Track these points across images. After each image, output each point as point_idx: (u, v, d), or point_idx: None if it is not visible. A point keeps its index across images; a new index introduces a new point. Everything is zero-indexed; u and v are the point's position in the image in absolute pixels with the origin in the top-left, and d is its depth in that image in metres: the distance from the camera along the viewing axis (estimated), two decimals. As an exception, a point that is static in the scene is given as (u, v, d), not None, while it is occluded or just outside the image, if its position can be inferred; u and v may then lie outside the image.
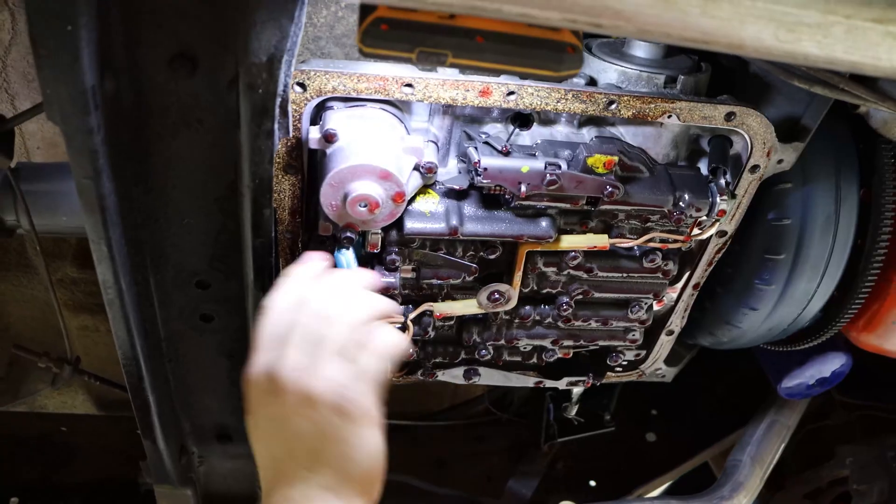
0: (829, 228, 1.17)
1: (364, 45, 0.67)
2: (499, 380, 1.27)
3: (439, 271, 1.05)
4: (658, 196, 1.02)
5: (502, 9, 0.63)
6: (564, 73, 0.70)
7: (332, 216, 0.95)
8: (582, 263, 1.08)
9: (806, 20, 0.69)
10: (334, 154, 0.92)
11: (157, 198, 0.96)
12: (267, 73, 0.77)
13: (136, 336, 1.03)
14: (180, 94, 0.86)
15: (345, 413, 0.76)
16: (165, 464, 1.27)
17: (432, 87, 0.93)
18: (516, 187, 0.96)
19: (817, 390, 1.50)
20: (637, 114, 0.98)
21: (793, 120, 1.10)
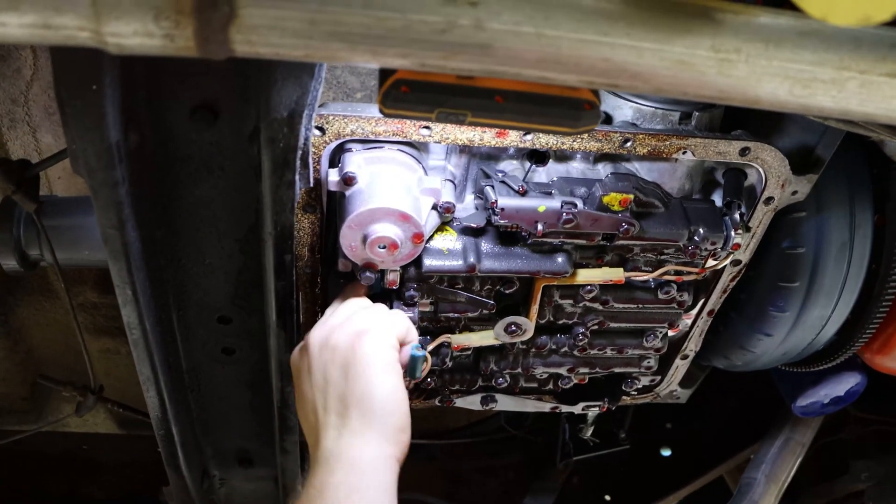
0: (844, 255, 1.18)
1: (385, 107, 0.69)
2: (515, 405, 1.29)
3: (457, 306, 1.07)
4: (673, 231, 1.03)
5: (522, 73, 0.64)
6: (582, 129, 0.71)
7: (351, 257, 0.97)
8: (598, 296, 1.09)
9: (821, 76, 0.70)
10: (353, 196, 0.94)
11: (181, 240, 0.98)
12: (288, 128, 0.78)
13: (160, 373, 1.05)
14: (202, 143, 0.88)
15: (358, 349, 0.86)
16: (188, 489, 1.30)
17: (449, 130, 0.94)
18: (533, 226, 0.97)
19: (832, 409, 1.50)
20: (652, 151, 0.99)
21: (807, 150, 1.10)
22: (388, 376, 0.87)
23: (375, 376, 0.86)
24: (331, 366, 0.88)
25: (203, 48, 0.62)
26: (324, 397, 0.88)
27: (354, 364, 0.86)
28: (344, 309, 0.96)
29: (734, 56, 0.66)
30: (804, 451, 1.58)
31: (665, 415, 1.91)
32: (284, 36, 0.61)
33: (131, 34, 0.60)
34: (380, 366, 0.86)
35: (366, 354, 0.86)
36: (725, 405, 1.88)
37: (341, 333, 0.90)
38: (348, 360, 0.87)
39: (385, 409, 0.84)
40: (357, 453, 0.82)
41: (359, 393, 0.85)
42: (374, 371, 0.86)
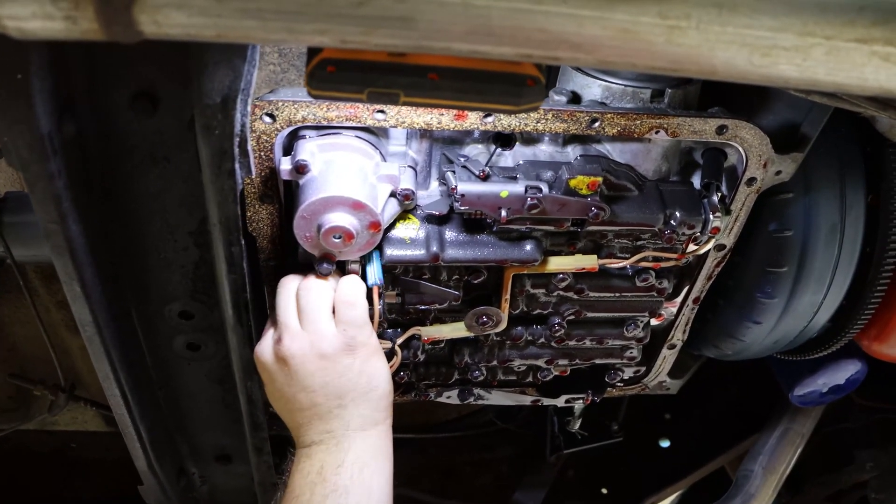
0: (834, 238, 1.12)
1: (311, 88, 0.65)
2: (495, 399, 1.25)
3: (423, 297, 1.03)
4: (647, 215, 0.98)
5: (451, 47, 0.60)
6: (525, 107, 0.67)
7: (307, 247, 0.93)
8: (572, 285, 1.05)
9: (782, 43, 0.65)
10: (306, 185, 0.90)
11: (133, 234, 0.95)
12: (222, 115, 0.75)
13: (119, 370, 1.02)
14: (145, 132, 0.85)
15: (354, 352, 0.92)
16: (163, 487, 1.28)
17: (405, 113, 0.90)
18: (496, 212, 0.92)
19: (831, 398, 1.45)
20: (622, 131, 0.94)
21: (792, 127, 1.05)
22: (381, 362, 0.95)
23: (373, 368, 0.93)
24: (323, 373, 0.91)
25: (108, 30, 0.58)
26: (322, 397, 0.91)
27: (353, 364, 0.91)
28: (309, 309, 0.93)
29: (684, 23, 0.61)
30: (804, 442, 1.52)
31: (663, 406, 1.86)
32: (192, 15, 0.57)
33: (30, 16, 0.57)
34: (373, 356, 0.94)
35: (361, 352, 0.92)
36: (725, 395, 1.82)
37: (326, 342, 0.91)
38: (346, 363, 0.91)
39: (385, 389, 0.94)
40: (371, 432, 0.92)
41: (363, 385, 0.92)
42: (372, 364, 0.93)
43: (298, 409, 0.92)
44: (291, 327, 0.92)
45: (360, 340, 0.92)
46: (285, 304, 0.94)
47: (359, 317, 0.93)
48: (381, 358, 0.95)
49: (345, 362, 0.91)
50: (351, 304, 0.93)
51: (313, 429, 0.92)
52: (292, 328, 0.91)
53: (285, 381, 0.92)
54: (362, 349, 0.92)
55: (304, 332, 0.91)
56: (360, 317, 0.93)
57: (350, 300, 0.93)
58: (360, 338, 0.92)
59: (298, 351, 0.90)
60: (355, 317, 0.93)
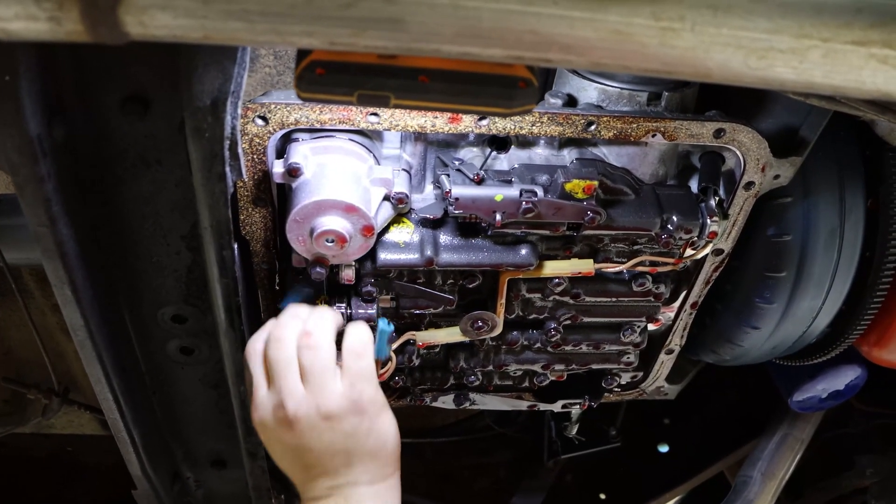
0: (834, 243, 1.11)
1: (300, 91, 0.64)
2: (491, 404, 1.24)
3: (418, 301, 1.02)
4: (644, 219, 0.97)
5: (441, 49, 0.59)
6: (517, 110, 0.66)
7: (300, 251, 0.92)
8: (567, 289, 1.04)
9: (778, 45, 0.64)
10: (299, 188, 0.90)
11: (125, 238, 0.94)
12: (212, 117, 0.74)
13: (111, 374, 1.01)
14: (137, 135, 0.84)
15: (362, 411, 0.87)
16: (157, 492, 1.27)
17: (399, 116, 0.89)
18: (491, 216, 0.91)
19: (830, 403, 1.43)
20: (619, 134, 0.93)
21: (791, 131, 1.04)
22: (389, 417, 0.91)
23: (382, 425, 0.89)
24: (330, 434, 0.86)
25: (94, 32, 0.57)
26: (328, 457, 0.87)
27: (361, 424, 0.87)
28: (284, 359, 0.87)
29: (678, 24, 0.61)
30: (803, 447, 1.51)
31: (662, 411, 1.85)
32: (178, 17, 0.57)
33: (13, 17, 0.56)
34: (381, 413, 0.89)
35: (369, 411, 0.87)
36: (724, 400, 1.81)
37: (332, 400, 0.86)
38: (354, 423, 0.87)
39: (394, 444, 0.91)
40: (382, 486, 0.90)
41: (371, 444, 0.88)
42: (380, 422, 0.89)
43: (303, 468, 0.89)
44: (295, 392, 0.86)
45: (368, 397, 0.87)
46: (285, 364, 0.87)
47: (366, 368, 0.89)
48: (388, 413, 0.91)
49: (352, 422, 0.86)
50: (359, 354, 0.89)
51: (319, 485, 0.88)
52: (296, 392, 0.86)
53: (290, 442, 0.88)
54: (370, 407, 0.87)
55: (308, 395, 0.86)
56: (367, 368, 0.89)
57: (358, 350, 0.89)
58: (367, 393, 0.88)
59: (304, 416, 0.86)
60: (363, 368, 0.89)
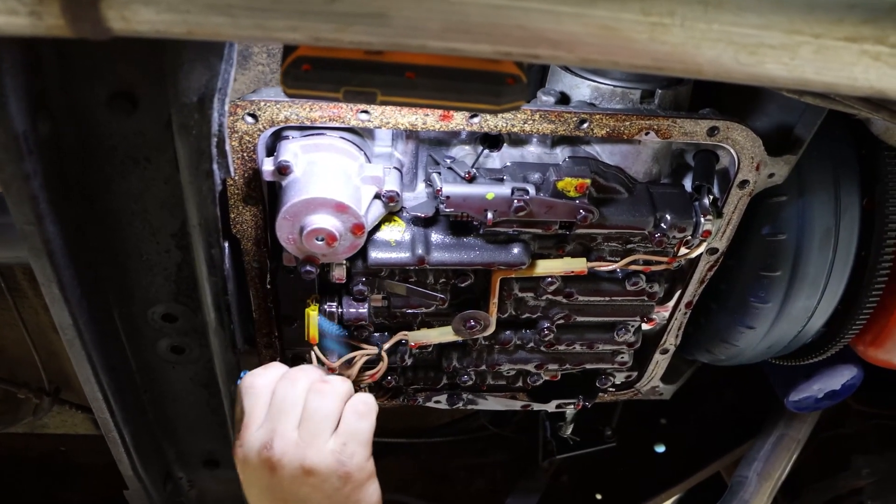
0: (829, 242, 1.10)
1: (286, 87, 0.63)
2: (484, 403, 1.23)
3: (410, 300, 1.01)
4: (637, 218, 0.96)
5: (427, 45, 0.58)
6: (506, 107, 0.65)
7: (290, 250, 0.92)
8: (560, 288, 1.03)
9: (769, 41, 0.63)
10: (289, 186, 0.89)
11: (114, 236, 0.93)
12: (199, 114, 0.73)
13: (101, 373, 1.01)
14: (125, 132, 0.83)
15: (348, 477, 0.84)
16: (148, 492, 1.26)
17: (389, 113, 0.88)
18: (482, 215, 0.91)
19: (827, 403, 1.43)
20: (611, 132, 0.92)
21: (786, 130, 1.03)
22: (373, 490, 0.88)
23: (364, 497, 0.86)
24: (308, 490, 0.83)
25: (76, 27, 0.57)
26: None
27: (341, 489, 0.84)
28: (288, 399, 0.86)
29: (668, 20, 0.60)
30: (799, 448, 1.50)
31: (659, 411, 1.84)
32: (160, 12, 0.56)
33: (-9, 11, 0.55)
34: (366, 484, 0.86)
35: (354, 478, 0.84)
36: (721, 399, 1.80)
37: (319, 452, 0.83)
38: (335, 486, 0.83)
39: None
40: None
41: None
42: (363, 492, 0.86)
43: None
44: (287, 434, 0.83)
45: (357, 463, 0.84)
46: (290, 405, 0.86)
47: (364, 431, 0.86)
48: (374, 484, 0.88)
49: (334, 485, 0.83)
50: (361, 415, 0.87)
51: None
52: (288, 436, 0.83)
53: (268, 487, 0.85)
54: (357, 475, 0.84)
55: (299, 442, 0.83)
56: (365, 432, 0.86)
57: (361, 411, 0.87)
58: (357, 458, 0.84)
59: (288, 463, 0.83)
60: (360, 430, 0.86)
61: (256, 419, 0.87)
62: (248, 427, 0.87)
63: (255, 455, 0.84)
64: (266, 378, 0.89)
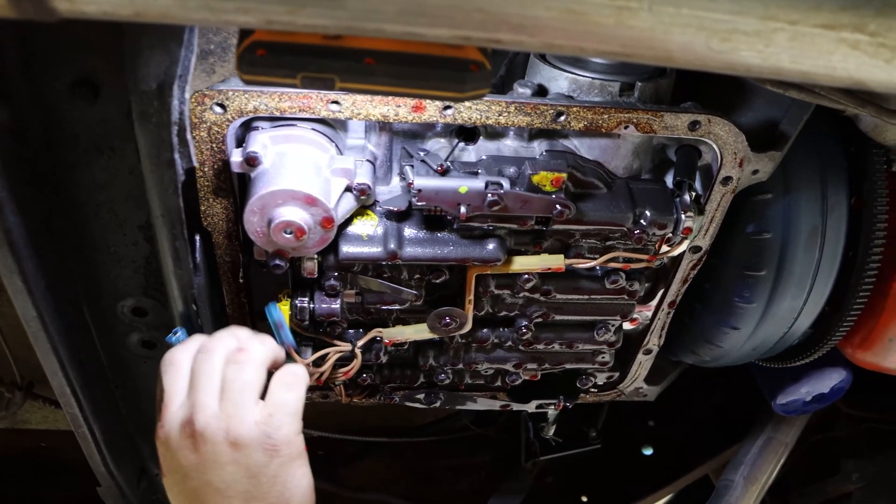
0: (815, 241, 1.08)
1: (242, 73, 0.61)
2: (462, 403, 1.21)
3: (383, 296, 0.99)
4: (616, 213, 0.94)
5: (383, 28, 0.56)
6: (470, 94, 0.63)
7: (259, 243, 0.89)
8: (538, 286, 1.01)
9: (743, 28, 0.61)
10: (258, 178, 0.87)
11: (80, 227, 0.92)
12: (158, 102, 0.71)
13: (68, 368, 0.99)
14: (88, 121, 0.82)
15: (275, 450, 0.78)
16: (121, 488, 1.24)
17: (360, 104, 0.86)
18: (456, 209, 0.88)
19: (815, 406, 1.40)
20: (589, 125, 0.90)
21: (771, 126, 1.01)
22: (302, 470, 0.81)
23: (292, 476, 0.80)
24: (233, 466, 0.77)
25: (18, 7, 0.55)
26: (224, 496, 0.78)
27: (268, 464, 0.78)
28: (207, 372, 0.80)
29: (635, 3, 0.58)
30: (787, 451, 1.48)
31: (647, 413, 1.82)
32: (105, -9, 0.54)
33: (-70, -9, 0.53)
34: (295, 461, 0.80)
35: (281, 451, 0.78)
36: (710, 401, 1.78)
37: (244, 423, 0.77)
38: (260, 461, 0.78)
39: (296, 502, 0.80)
40: None
41: (275, 494, 0.79)
42: (291, 470, 0.80)
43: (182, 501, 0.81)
44: (208, 406, 0.77)
45: (284, 436, 0.79)
46: (207, 376, 0.80)
47: (292, 403, 0.81)
48: (303, 466, 0.81)
49: (259, 459, 0.77)
50: (288, 385, 0.82)
51: None
52: (209, 408, 0.77)
53: (190, 468, 0.78)
54: (284, 448, 0.78)
55: (221, 413, 0.77)
56: (293, 403, 0.81)
57: (288, 381, 0.83)
58: (284, 431, 0.79)
59: (211, 435, 0.76)
60: (288, 402, 0.81)
61: (177, 396, 0.81)
62: (168, 406, 0.81)
63: (177, 433, 0.78)
64: (184, 352, 0.84)
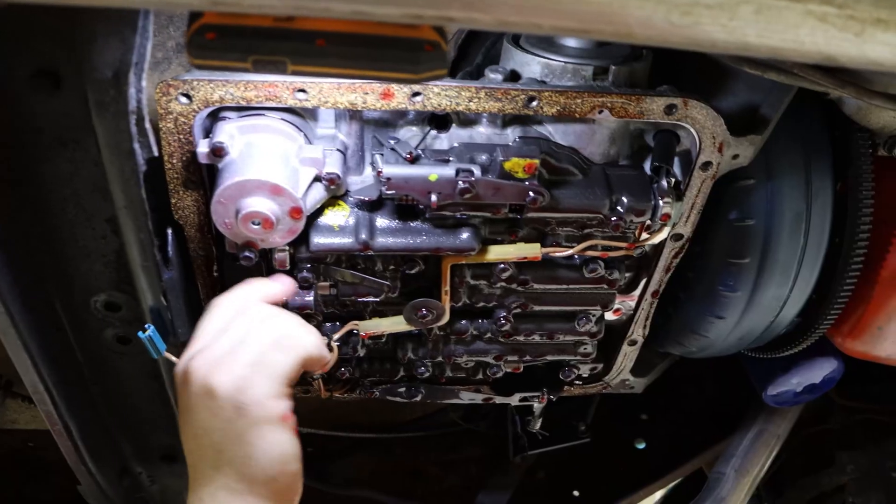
0: (800, 228, 1.05)
1: (192, 57, 0.59)
2: (444, 396, 1.19)
3: (357, 288, 0.97)
4: (592, 200, 0.92)
5: (331, 7, 0.55)
6: (426, 75, 0.61)
7: (228, 235, 0.88)
8: (515, 276, 0.99)
9: (704, 0, 0.59)
10: (225, 169, 0.85)
11: (48, 222, 0.90)
12: (115, 90, 0.70)
13: (41, 365, 0.98)
14: (50, 113, 0.80)
15: (242, 409, 0.75)
16: (102, 487, 1.23)
17: (328, 92, 0.84)
18: (426, 197, 0.87)
19: (806, 397, 1.38)
20: (563, 110, 0.88)
21: (752, 110, 0.99)
22: (274, 437, 0.76)
23: (259, 439, 0.75)
24: (207, 414, 0.76)
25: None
26: (199, 444, 0.78)
27: (235, 421, 0.75)
28: (235, 327, 0.81)
29: (590, -23, 0.56)
30: (779, 443, 1.46)
31: (640, 406, 1.80)
32: (43, -28, 0.52)
33: None
34: (265, 426, 0.76)
35: (249, 411, 0.75)
36: (704, 394, 1.76)
37: (223, 374, 0.76)
38: (229, 416, 0.75)
39: (268, 473, 0.76)
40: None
41: (240, 454, 0.75)
42: (258, 433, 0.75)
43: (188, 451, 0.80)
44: (212, 354, 0.78)
45: (254, 395, 0.75)
46: (217, 321, 0.82)
47: (276, 365, 0.78)
48: (276, 433, 0.76)
49: (227, 415, 0.75)
50: (283, 349, 0.80)
51: (192, 491, 0.79)
52: (212, 355, 0.78)
53: (182, 408, 0.80)
54: (253, 409, 0.75)
55: (216, 361, 0.77)
56: (278, 366, 0.78)
57: (286, 345, 0.80)
58: (256, 390, 0.75)
59: (196, 379, 0.77)
60: (273, 363, 0.78)
61: (202, 339, 0.81)
62: (191, 345, 0.82)
63: (181, 371, 0.80)
64: (231, 300, 0.85)
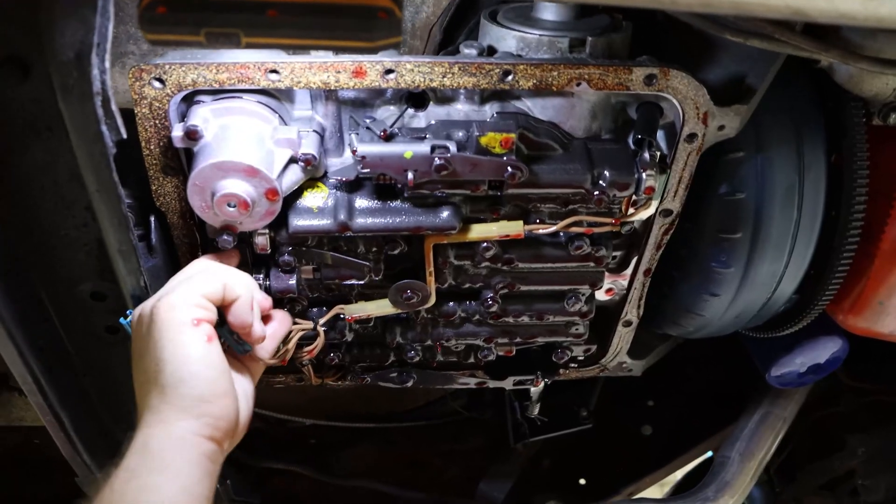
0: (792, 201, 1.03)
1: (145, 32, 0.59)
2: (437, 381, 1.18)
3: (340, 271, 0.97)
4: (573, 175, 0.91)
5: (277, -27, 0.54)
6: (381, 43, 0.60)
7: (205, 219, 0.88)
8: (499, 255, 0.98)
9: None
10: (200, 152, 0.85)
11: (27, 211, 0.90)
12: (78, 72, 0.70)
13: (28, 355, 0.98)
14: (21, 101, 0.80)
15: (154, 316, 0.78)
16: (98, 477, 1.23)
17: (299, 72, 0.84)
18: (402, 175, 0.86)
19: (811, 378, 1.35)
20: (539, 84, 0.86)
21: (738, 80, 0.96)
22: (180, 339, 0.77)
23: (167, 342, 0.77)
24: (137, 337, 0.82)
25: None
26: (135, 372, 0.82)
27: (151, 333, 0.78)
28: (179, 274, 0.87)
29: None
30: (786, 426, 1.43)
31: (645, 392, 1.77)
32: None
33: None
34: (171, 330, 0.77)
35: (159, 320, 0.78)
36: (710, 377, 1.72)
37: (151, 300, 0.82)
38: (149, 331, 0.79)
39: (178, 377, 0.76)
40: (149, 432, 0.75)
41: (154, 365, 0.77)
42: (166, 337, 0.77)
43: None
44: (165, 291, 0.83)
45: (167, 300, 0.78)
46: (179, 275, 0.88)
47: (198, 283, 0.81)
48: (184, 335, 0.77)
49: (146, 329, 0.79)
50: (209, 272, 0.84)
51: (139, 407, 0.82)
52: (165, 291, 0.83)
53: None
54: (163, 312, 0.77)
55: (159, 296, 0.82)
56: (199, 284, 0.81)
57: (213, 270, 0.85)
58: (170, 296, 0.78)
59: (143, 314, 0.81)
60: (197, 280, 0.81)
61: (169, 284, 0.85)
62: None
63: (136, 313, 0.85)
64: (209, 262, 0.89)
